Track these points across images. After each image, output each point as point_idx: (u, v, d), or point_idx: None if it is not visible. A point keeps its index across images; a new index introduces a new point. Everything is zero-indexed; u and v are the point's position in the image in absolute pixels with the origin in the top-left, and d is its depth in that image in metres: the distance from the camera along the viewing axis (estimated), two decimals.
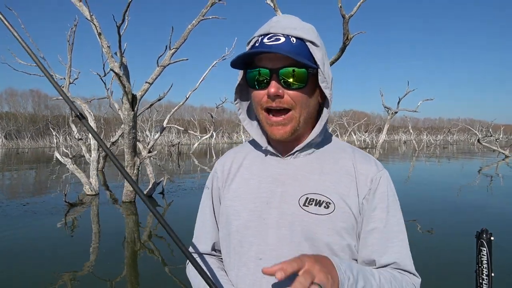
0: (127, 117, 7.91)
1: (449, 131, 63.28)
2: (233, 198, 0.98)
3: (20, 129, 64.99)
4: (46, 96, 78.65)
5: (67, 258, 5.15)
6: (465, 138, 73.60)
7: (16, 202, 9.44)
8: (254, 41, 0.90)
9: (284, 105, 0.87)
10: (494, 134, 30.70)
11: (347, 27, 6.01)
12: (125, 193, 8.96)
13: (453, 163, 22.06)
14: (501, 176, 15.05)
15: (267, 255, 0.90)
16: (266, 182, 0.95)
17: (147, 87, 8.21)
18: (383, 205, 0.92)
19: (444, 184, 12.37)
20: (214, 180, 1.06)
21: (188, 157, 29.03)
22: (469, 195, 10.33)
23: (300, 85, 0.86)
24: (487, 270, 1.67)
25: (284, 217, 0.90)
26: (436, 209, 8.22)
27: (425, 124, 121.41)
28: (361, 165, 0.95)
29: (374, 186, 0.92)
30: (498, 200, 9.48)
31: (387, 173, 0.96)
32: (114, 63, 7.30)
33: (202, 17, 8.71)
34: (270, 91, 0.85)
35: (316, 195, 0.90)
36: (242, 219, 0.94)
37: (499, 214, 7.74)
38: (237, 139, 66.16)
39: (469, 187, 11.93)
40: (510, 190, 11.36)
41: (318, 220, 0.88)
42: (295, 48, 0.86)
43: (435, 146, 47.37)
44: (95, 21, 7.24)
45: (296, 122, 0.89)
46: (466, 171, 17.29)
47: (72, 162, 10.60)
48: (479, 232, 1.71)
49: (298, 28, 0.88)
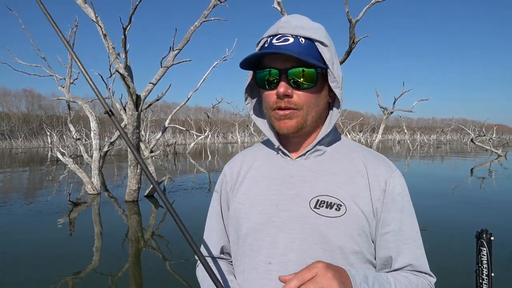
0: (131, 117, 8.02)
1: (442, 130, 63.88)
2: (242, 201, 0.97)
3: (13, 129, 64.46)
4: (39, 95, 78.29)
5: (72, 257, 5.23)
6: (458, 138, 74.32)
7: (20, 201, 9.50)
8: (263, 42, 0.90)
9: (292, 105, 0.88)
10: (487, 134, 31.09)
11: (354, 31, 6.17)
12: (128, 192, 9.06)
13: (447, 163, 22.37)
14: (494, 175, 15.34)
15: (276, 259, 0.89)
16: (276, 184, 0.94)
17: (151, 87, 8.32)
18: (398, 207, 0.91)
19: (441, 183, 12.61)
20: (223, 184, 1.05)
21: (184, 157, 29.06)
22: (466, 193, 10.56)
23: (309, 85, 0.87)
24: (487, 270, 1.68)
25: (294, 220, 0.89)
26: (435, 208, 8.42)
27: (419, 124, 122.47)
28: (373, 166, 0.93)
29: (389, 188, 0.91)
30: (497, 199, 9.70)
31: (400, 173, 0.95)
32: (119, 64, 7.41)
33: (204, 19, 8.83)
34: (279, 91, 0.86)
35: (327, 197, 0.89)
36: (251, 221, 0.93)
37: (498, 215, 7.93)
38: (232, 139, 66.25)
39: (467, 185, 12.18)
40: (506, 188, 11.63)
41: (329, 223, 0.87)
42: (304, 48, 0.86)
43: (429, 146, 47.85)
44: (100, 23, 7.34)
45: (303, 119, 0.89)
46: (461, 169, 17.58)
47: (74, 162, 10.68)
48: (479, 232, 1.71)
49: (307, 28, 0.88)
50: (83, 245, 5.87)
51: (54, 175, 16.10)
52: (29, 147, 53.57)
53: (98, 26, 7.36)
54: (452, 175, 15.31)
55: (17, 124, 67.42)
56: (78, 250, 5.56)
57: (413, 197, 0.96)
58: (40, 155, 33.16)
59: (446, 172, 16.98)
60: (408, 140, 46.78)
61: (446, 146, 49.68)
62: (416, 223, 0.95)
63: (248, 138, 56.40)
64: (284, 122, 0.89)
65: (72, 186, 9.56)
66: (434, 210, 8.12)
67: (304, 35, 0.87)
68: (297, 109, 0.88)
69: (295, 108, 0.88)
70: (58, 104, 75.99)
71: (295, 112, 0.88)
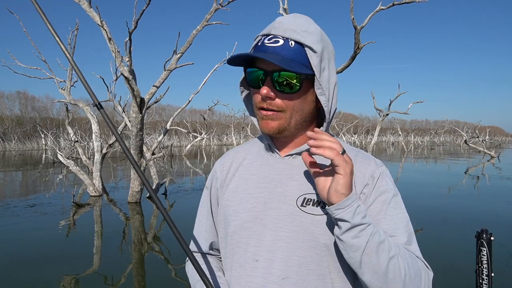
0: (135, 120, 8.15)
1: (436, 132, 64.50)
2: (231, 198, 0.98)
3: (6, 132, 63.94)
4: (33, 98, 77.62)
5: (76, 258, 5.33)
6: (451, 140, 75.12)
7: (23, 203, 9.57)
8: (258, 40, 0.91)
9: (274, 107, 0.88)
10: (480, 136, 31.58)
11: (358, 37, 6.37)
12: (131, 193, 9.17)
13: (443, 164, 22.69)
14: (487, 176, 15.63)
15: (263, 257, 0.89)
16: (264, 182, 0.95)
17: (154, 90, 8.45)
18: (384, 199, 0.90)
19: (436, 184, 12.85)
20: (213, 180, 1.06)
21: (180, 158, 29.13)
22: (463, 194, 10.80)
23: (291, 90, 0.87)
24: (487, 270, 1.68)
25: (281, 217, 0.90)
26: (434, 207, 8.62)
27: (413, 126, 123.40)
28: (360, 164, 0.93)
29: (372, 180, 0.91)
30: (493, 200, 9.94)
31: (386, 169, 0.96)
32: (123, 67, 7.53)
33: (206, 23, 8.98)
34: (262, 92, 0.86)
35: (314, 195, 0.90)
36: (239, 219, 0.94)
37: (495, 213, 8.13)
38: (226, 140, 66.32)
39: (464, 187, 12.43)
40: (499, 189, 11.90)
41: (315, 220, 0.88)
42: (292, 52, 0.85)
43: (423, 147, 48.32)
44: (105, 27, 7.47)
45: (286, 121, 0.89)
46: (455, 171, 17.87)
47: (75, 164, 10.76)
48: (479, 232, 1.72)
49: (299, 32, 0.87)
50: (87, 245, 5.99)
51: (52, 177, 16.12)
52: (23, 149, 53.20)
53: (103, 30, 7.48)
54: (447, 176, 15.58)
55: (10, 127, 66.88)
56: (82, 251, 5.68)
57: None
58: (34, 157, 32.96)
59: (441, 172, 17.25)
60: (402, 142, 47.21)
61: (440, 147, 50.23)
62: (403, 214, 0.91)
63: (243, 140, 56.57)
64: (266, 122, 0.90)
65: (75, 188, 9.64)
66: (434, 209, 8.25)
67: (295, 39, 0.86)
68: (280, 111, 0.88)
69: (278, 110, 0.88)
70: (52, 106, 75.62)
71: (278, 114, 0.88)
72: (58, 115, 77.70)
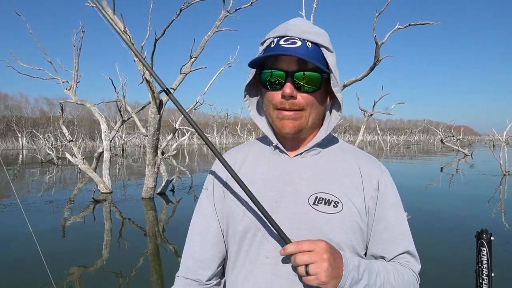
0: (153, 120, 8.67)
1: (412, 131, 66.73)
2: (238, 197, 0.97)
3: None
4: (5, 96, 75.34)
5: (98, 250, 5.80)
6: (425, 139, 77.90)
7: (40, 200, 9.94)
8: (269, 42, 0.91)
9: (296, 106, 0.89)
10: (455, 135, 33.43)
11: (379, 51, 7.25)
12: (145, 190, 9.67)
13: (422, 162, 23.99)
14: (462, 174, 16.84)
15: (274, 254, 0.91)
16: (273, 181, 0.95)
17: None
18: (390, 204, 0.96)
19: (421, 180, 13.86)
20: (214, 181, 1.04)
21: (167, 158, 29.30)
22: (438, 190, 11.78)
23: (313, 89, 0.89)
24: (487, 270, 1.67)
25: (293, 216, 0.91)
26: (434, 208, 9.20)
27: (387, 125, 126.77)
28: (366, 167, 0.98)
29: (381, 187, 0.96)
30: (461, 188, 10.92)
31: (389, 173, 1.01)
32: (145, 70, 8.05)
33: (216, 29, 9.59)
34: (285, 92, 0.87)
35: (325, 194, 0.92)
36: (248, 218, 0.94)
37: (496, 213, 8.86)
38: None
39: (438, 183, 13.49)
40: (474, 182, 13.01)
41: (327, 219, 0.90)
42: (311, 52, 0.88)
43: (399, 146, 50.10)
44: (128, 32, 7.96)
45: (305, 120, 0.92)
46: (432, 169, 19.08)
47: (84, 162, 11.12)
48: (479, 232, 1.71)
49: (313, 33, 0.90)
50: (107, 238, 6.49)
51: (48, 176, 16.23)
52: None
53: (126, 36, 7.96)
54: (425, 174, 16.69)
55: None
56: (103, 243, 6.16)
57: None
58: (9, 157, 32.29)
59: (418, 171, 18.38)
60: (381, 141, 48.75)
61: (415, 146, 52.23)
62: (405, 218, 1.01)
63: (225, 139, 57.03)
64: (288, 122, 0.91)
65: (93, 185, 10.10)
66: (434, 209, 8.35)
67: (311, 40, 0.89)
68: (301, 110, 0.90)
69: (299, 109, 0.90)
70: (26, 105, 73.58)
71: (299, 113, 0.90)
72: (33, 114, 75.85)
